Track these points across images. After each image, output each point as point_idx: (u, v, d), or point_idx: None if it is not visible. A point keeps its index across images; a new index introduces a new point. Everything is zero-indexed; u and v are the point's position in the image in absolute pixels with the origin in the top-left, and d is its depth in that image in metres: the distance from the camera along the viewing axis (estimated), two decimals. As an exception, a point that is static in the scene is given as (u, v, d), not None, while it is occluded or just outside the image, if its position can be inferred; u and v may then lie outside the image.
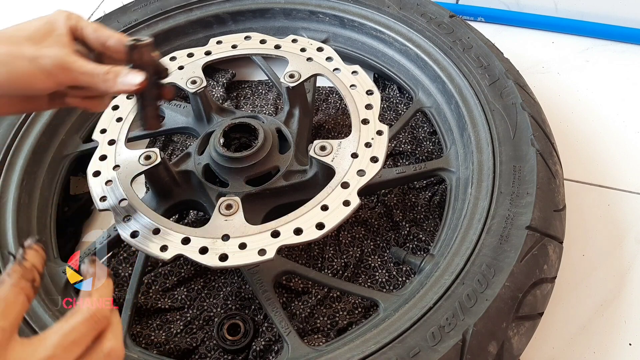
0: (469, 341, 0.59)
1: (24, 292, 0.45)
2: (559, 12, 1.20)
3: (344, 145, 0.71)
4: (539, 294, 0.65)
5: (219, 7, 1.04)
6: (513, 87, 0.82)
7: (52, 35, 0.57)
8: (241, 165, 0.75)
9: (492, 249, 0.66)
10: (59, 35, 0.57)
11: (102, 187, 0.69)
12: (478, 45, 0.89)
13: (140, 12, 1.03)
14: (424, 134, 0.98)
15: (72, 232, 0.89)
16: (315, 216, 0.64)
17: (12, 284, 0.44)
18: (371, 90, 0.76)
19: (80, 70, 0.56)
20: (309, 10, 1.02)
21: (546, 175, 0.73)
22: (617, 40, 1.16)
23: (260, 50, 0.84)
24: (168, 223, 0.66)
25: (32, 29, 0.56)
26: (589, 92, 1.07)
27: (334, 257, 0.84)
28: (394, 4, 0.97)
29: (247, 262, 0.62)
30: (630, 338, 0.75)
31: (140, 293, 0.81)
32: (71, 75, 0.56)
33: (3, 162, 0.82)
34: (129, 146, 0.74)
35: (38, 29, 0.56)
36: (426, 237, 0.85)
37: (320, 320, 0.77)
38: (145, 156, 0.72)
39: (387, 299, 0.70)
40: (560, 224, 0.72)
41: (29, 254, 0.47)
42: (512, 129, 0.77)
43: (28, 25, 0.57)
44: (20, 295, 0.44)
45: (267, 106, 1.06)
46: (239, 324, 0.76)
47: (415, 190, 0.91)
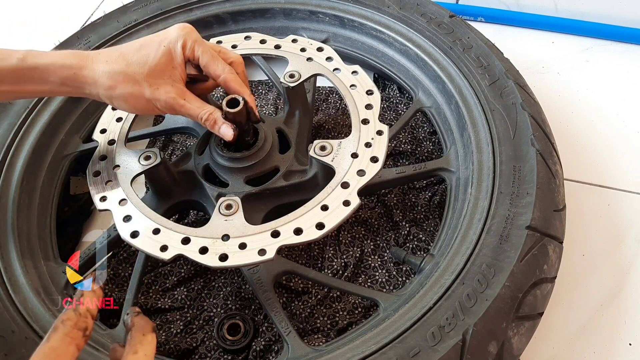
0: (469, 341, 0.59)
1: (75, 343, 0.45)
2: (559, 12, 1.20)
3: (344, 145, 0.71)
4: (539, 294, 0.65)
5: (219, 7, 1.04)
6: (513, 87, 0.82)
7: (168, 69, 0.65)
8: (241, 165, 0.75)
9: (492, 249, 0.66)
10: (175, 70, 0.65)
11: (102, 187, 0.69)
12: (478, 45, 0.89)
13: (140, 12, 1.03)
14: (424, 134, 0.98)
15: (72, 232, 0.89)
16: (315, 216, 0.64)
17: (64, 333, 0.44)
18: (371, 90, 0.76)
19: (185, 112, 0.66)
20: (309, 10, 1.02)
21: (546, 175, 0.73)
22: (617, 40, 1.16)
23: (260, 50, 0.84)
24: (168, 223, 0.66)
25: (152, 63, 0.64)
26: (589, 92, 1.07)
27: (334, 257, 0.84)
28: (394, 4, 0.97)
29: (247, 262, 0.62)
30: (630, 338, 0.75)
31: (140, 293, 0.81)
32: (180, 112, 0.67)
33: (3, 162, 0.82)
34: (129, 146, 0.74)
35: (157, 63, 0.64)
36: (426, 237, 0.85)
37: (320, 320, 0.77)
38: (145, 156, 0.72)
39: (387, 299, 0.70)
40: (560, 224, 0.72)
41: (86, 296, 0.48)
42: (512, 129, 0.77)
43: (150, 56, 0.64)
44: (70, 346, 0.44)
45: (267, 106, 1.06)
46: (239, 324, 0.76)
47: (415, 190, 0.91)
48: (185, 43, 0.65)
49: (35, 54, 0.63)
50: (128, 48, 0.65)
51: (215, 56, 0.67)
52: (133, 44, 0.66)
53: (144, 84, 0.64)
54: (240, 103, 0.68)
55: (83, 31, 1.01)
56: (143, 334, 0.50)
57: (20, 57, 0.62)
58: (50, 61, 0.62)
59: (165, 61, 0.64)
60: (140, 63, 0.63)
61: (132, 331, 0.50)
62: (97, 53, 0.65)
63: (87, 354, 0.64)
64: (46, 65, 0.62)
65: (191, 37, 0.65)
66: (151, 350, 0.49)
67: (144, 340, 0.49)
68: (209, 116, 0.67)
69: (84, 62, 0.63)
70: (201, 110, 0.66)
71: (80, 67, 0.63)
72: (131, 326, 0.51)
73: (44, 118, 0.88)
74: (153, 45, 0.65)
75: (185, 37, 0.65)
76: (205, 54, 0.66)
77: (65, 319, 0.45)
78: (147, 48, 0.64)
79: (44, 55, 0.63)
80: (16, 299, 0.68)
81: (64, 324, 0.45)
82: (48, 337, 0.44)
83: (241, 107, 0.68)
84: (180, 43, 0.65)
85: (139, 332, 0.50)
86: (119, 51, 0.65)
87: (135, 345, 0.48)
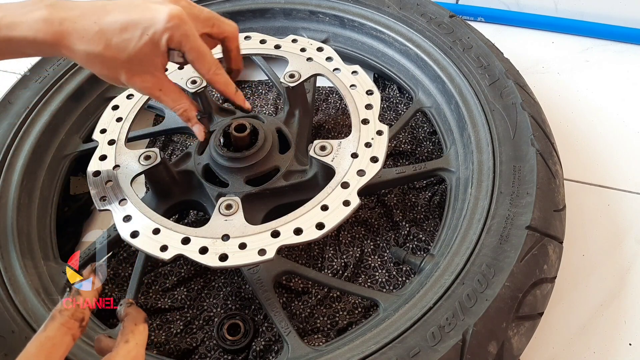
0: (469, 341, 0.59)
1: (71, 333, 0.45)
2: (559, 12, 1.20)
3: (344, 145, 0.71)
4: (539, 294, 0.65)
5: (219, 7, 1.04)
6: (513, 87, 0.82)
7: (149, 58, 0.60)
8: (241, 165, 0.75)
9: (492, 249, 0.66)
10: (156, 58, 0.60)
11: (102, 187, 0.69)
12: (478, 45, 0.89)
13: (140, 12, 1.02)
14: (424, 134, 0.98)
15: (72, 232, 0.89)
16: (315, 216, 0.64)
17: (61, 323, 0.45)
18: (371, 90, 0.76)
19: (162, 102, 0.64)
20: (309, 10, 1.02)
21: (546, 175, 0.73)
22: (617, 40, 1.16)
23: (260, 50, 0.84)
24: (168, 223, 0.66)
25: (132, 50, 0.58)
26: (589, 92, 1.07)
27: (334, 257, 0.84)
28: (394, 4, 0.97)
29: (247, 262, 0.62)
30: (630, 338, 0.75)
31: (140, 293, 0.81)
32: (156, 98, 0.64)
33: (3, 162, 0.82)
34: (129, 146, 0.74)
35: (138, 52, 0.58)
36: (426, 237, 0.85)
37: (320, 320, 0.77)
38: (145, 156, 0.72)
39: (387, 299, 0.70)
40: (560, 224, 0.72)
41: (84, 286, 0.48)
42: (512, 129, 0.77)
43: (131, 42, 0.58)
44: (66, 336, 0.45)
45: (267, 106, 1.06)
46: (239, 324, 0.76)
47: (415, 190, 0.91)
48: (171, 37, 0.59)
49: (7, 23, 0.56)
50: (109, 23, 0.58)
51: (201, 55, 0.62)
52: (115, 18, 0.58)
53: (121, 70, 0.60)
54: (247, 129, 0.74)
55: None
56: (135, 323, 0.50)
57: None
58: (24, 34, 0.56)
59: (147, 51, 0.59)
60: (120, 48, 0.58)
61: (125, 321, 0.51)
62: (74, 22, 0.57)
63: (86, 353, 0.64)
64: (20, 39, 0.57)
65: (179, 31, 0.59)
66: (142, 340, 0.50)
67: (135, 329, 0.50)
68: (183, 112, 0.65)
69: (59, 37, 0.57)
70: (175, 104, 0.64)
71: (55, 44, 0.58)
72: (124, 316, 0.51)
73: (44, 118, 0.88)
74: (137, 31, 0.58)
75: (173, 32, 0.59)
76: (192, 52, 0.61)
77: (63, 309, 0.46)
78: (130, 33, 0.58)
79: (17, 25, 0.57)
80: (16, 299, 0.68)
81: (61, 314, 0.45)
82: (45, 326, 0.45)
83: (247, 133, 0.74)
84: (166, 37, 0.59)
85: (131, 322, 0.50)
86: (99, 25, 0.58)
87: (127, 335, 0.49)
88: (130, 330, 0.50)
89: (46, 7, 0.57)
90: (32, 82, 0.91)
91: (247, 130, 0.74)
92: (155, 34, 0.58)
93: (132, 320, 0.51)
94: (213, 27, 0.64)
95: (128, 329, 0.50)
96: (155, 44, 0.59)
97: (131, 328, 0.50)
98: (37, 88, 0.90)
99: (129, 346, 0.48)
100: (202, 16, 0.63)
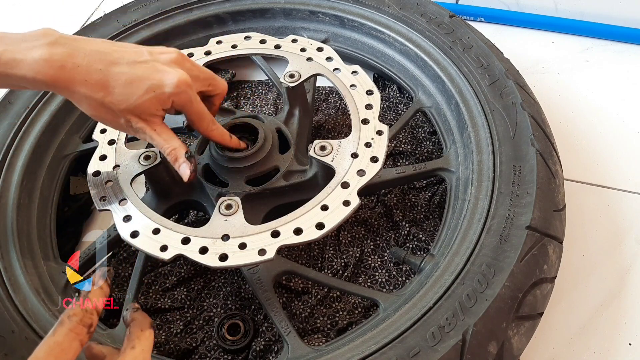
0: (469, 341, 0.59)
1: (79, 338, 0.45)
2: (559, 12, 1.20)
3: (344, 145, 0.71)
4: (539, 294, 0.65)
5: (219, 7, 1.04)
6: (513, 87, 0.82)
7: (149, 112, 0.61)
8: (241, 165, 0.75)
9: (492, 249, 0.66)
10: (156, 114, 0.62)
11: (102, 187, 0.69)
12: (478, 45, 0.89)
13: (140, 12, 1.03)
14: (424, 134, 0.98)
15: (72, 232, 0.89)
16: (315, 216, 0.64)
17: (70, 329, 0.45)
18: (371, 90, 0.76)
19: (151, 142, 0.64)
20: (309, 10, 1.02)
21: (546, 175, 0.73)
22: (617, 40, 1.16)
23: (260, 50, 0.84)
24: (168, 223, 0.65)
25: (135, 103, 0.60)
26: (589, 92, 1.07)
27: (334, 257, 0.84)
28: (394, 4, 0.97)
29: (247, 262, 0.62)
30: (630, 338, 0.75)
31: (140, 293, 0.81)
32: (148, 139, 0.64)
33: (3, 162, 0.82)
34: (129, 146, 0.74)
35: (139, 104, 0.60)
36: (426, 237, 0.85)
37: (320, 320, 0.77)
38: (145, 156, 0.72)
39: (387, 299, 0.70)
40: (560, 224, 0.72)
41: (93, 293, 0.48)
42: (512, 129, 0.77)
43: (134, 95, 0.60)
44: (74, 342, 0.45)
45: (267, 106, 1.06)
46: (239, 324, 0.76)
47: (415, 190, 0.91)
48: (176, 102, 0.62)
49: (7, 60, 0.55)
50: (115, 74, 0.59)
51: (201, 116, 0.66)
52: (121, 70, 0.59)
53: (120, 115, 0.61)
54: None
55: (83, 31, 1.01)
56: (141, 329, 0.50)
57: None
58: (23, 73, 0.56)
59: (149, 105, 0.61)
60: (122, 99, 0.59)
61: (131, 326, 0.51)
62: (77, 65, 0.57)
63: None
64: (19, 77, 0.56)
65: (185, 97, 0.62)
66: (148, 346, 0.50)
67: (141, 335, 0.50)
68: (171, 151, 0.64)
69: (61, 78, 0.57)
70: (165, 144, 0.64)
71: (54, 86, 0.57)
72: (130, 321, 0.51)
73: (44, 118, 0.88)
74: (142, 87, 0.59)
75: (179, 97, 0.61)
76: (193, 115, 0.65)
77: (72, 314, 0.46)
78: (135, 87, 0.59)
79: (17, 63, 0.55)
80: (16, 299, 0.68)
81: (70, 319, 0.45)
82: (54, 330, 0.45)
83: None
84: (171, 100, 0.61)
85: (137, 328, 0.50)
86: (104, 74, 0.58)
87: (133, 341, 0.49)
88: (137, 336, 0.50)
89: (47, 45, 0.56)
90: (32, 82, 0.91)
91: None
92: (162, 95, 0.61)
93: (138, 326, 0.51)
94: (209, 86, 0.68)
95: (134, 335, 0.50)
96: (159, 102, 0.61)
97: (137, 334, 0.50)
98: (37, 88, 0.90)
99: (135, 352, 0.48)
100: (202, 77, 0.67)
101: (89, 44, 0.59)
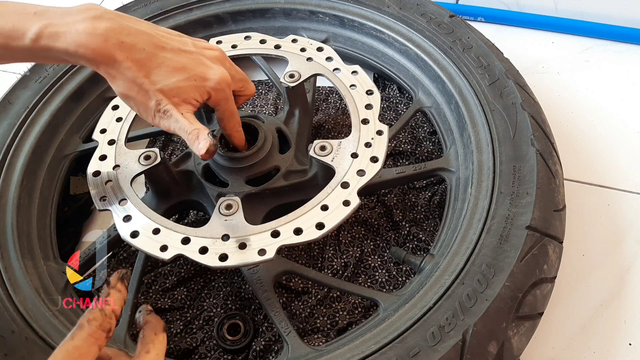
0: (469, 341, 0.59)
1: (98, 343, 0.45)
2: (559, 12, 1.20)
3: (344, 145, 0.70)
4: (539, 294, 0.65)
5: (219, 7, 1.04)
6: (513, 87, 0.82)
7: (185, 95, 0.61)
8: (241, 165, 0.75)
9: (492, 249, 0.66)
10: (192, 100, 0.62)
11: (102, 187, 0.69)
12: (478, 45, 0.89)
13: (140, 12, 1.03)
14: (424, 134, 0.98)
15: (72, 232, 0.89)
16: (315, 216, 0.64)
17: (89, 333, 0.44)
18: (371, 90, 0.76)
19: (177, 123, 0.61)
20: (309, 10, 1.02)
21: (546, 175, 0.73)
22: (617, 40, 1.16)
23: (260, 50, 0.84)
24: (168, 223, 0.65)
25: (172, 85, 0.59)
26: (589, 92, 1.07)
27: (334, 257, 0.84)
28: (394, 4, 0.97)
29: (247, 262, 0.62)
30: (630, 338, 0.75)
31: (140, 293, 0.81)
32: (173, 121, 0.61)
33: (3, 162, 0.82)
34: (129, 146, 0.74)
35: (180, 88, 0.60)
36: (426, 237, 0.85)
37: (320, 320, 0.77)
38: (145, 156, 0.72)
39: (387, 299, 0.70)
40: (560, 224, 0.72)
41: (113, 296, 0.48)
42: (512, 129, 0.77)
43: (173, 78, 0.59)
44: (93, 347, 0.44)
45: (267, 106, 1.06)
46: (239, 324, 0.76)
47: (415, 190, 0.91)
48: (213, 97, 0.63)
49: (50, 33, 0.55)
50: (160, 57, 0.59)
51: (232, 115, 0.67)
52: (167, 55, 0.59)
53: (153, 96, 0.60)
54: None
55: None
56: (155, 333, 0.50)
57: (33, 38, 0.55)
58: (64, 46, 0.55)
59: (188, 90, 0.60)
60: (160, 80, 0.59)
61: (145, 330, 0.50)
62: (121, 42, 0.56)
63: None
64: (60, 51, 0.56)
65: (222, 94, 0.63)
66: (162, 350, 0.49)
67: (155, 339, 0.49)
68: (193, 130, 0.61)
69: (103, 52, 0.56)
70: (189, 126, 0.61)
71: (96, 59, 0.56)
72: (143, 324, 0.51)
73: (44, 118, 0.88)
74: (185, 74, 0.60)
75: (217, 93, 0.62)
76: (226, 112, 0.66)
77: (92, 319, 0.45)
78: (178, 73, 0.60)
79: (60, 36, 0.55)
80: (16, 299, 0.68)
81: (90, 324, 0.45)
82: (72, 335, 0.44)
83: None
84: (210, 94, 0.62)
85: (151, 331, 0.50)
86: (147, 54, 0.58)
87: (148, 345, 0.49)
88: (151, 340, 0.49)
89: (92, 19, 0.56)
90: (32, 82, 0.91)
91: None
92: (202, 87, 0.61)
93: (152, 329, 0.50)
94: (241, 88, 0.69)
95: (149, 339, 0.49)
96: (198, 92, 0.62)
97: (152, 337, 0.49)
98: (37, 88, 0.90)
99: (150, 357, 0.48)
100: (237, 77, 0.68)
101: (134, 23, 0.59)
